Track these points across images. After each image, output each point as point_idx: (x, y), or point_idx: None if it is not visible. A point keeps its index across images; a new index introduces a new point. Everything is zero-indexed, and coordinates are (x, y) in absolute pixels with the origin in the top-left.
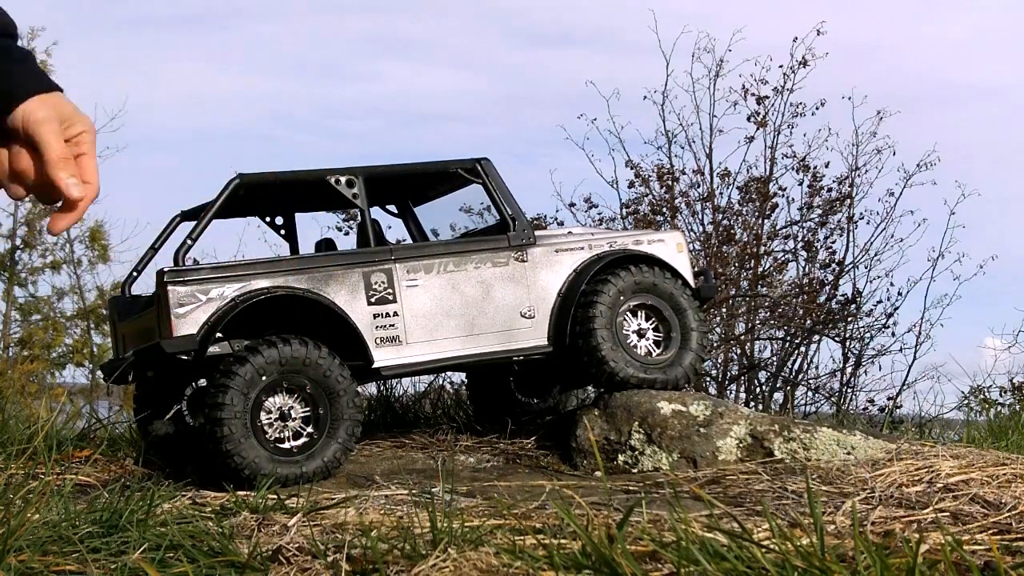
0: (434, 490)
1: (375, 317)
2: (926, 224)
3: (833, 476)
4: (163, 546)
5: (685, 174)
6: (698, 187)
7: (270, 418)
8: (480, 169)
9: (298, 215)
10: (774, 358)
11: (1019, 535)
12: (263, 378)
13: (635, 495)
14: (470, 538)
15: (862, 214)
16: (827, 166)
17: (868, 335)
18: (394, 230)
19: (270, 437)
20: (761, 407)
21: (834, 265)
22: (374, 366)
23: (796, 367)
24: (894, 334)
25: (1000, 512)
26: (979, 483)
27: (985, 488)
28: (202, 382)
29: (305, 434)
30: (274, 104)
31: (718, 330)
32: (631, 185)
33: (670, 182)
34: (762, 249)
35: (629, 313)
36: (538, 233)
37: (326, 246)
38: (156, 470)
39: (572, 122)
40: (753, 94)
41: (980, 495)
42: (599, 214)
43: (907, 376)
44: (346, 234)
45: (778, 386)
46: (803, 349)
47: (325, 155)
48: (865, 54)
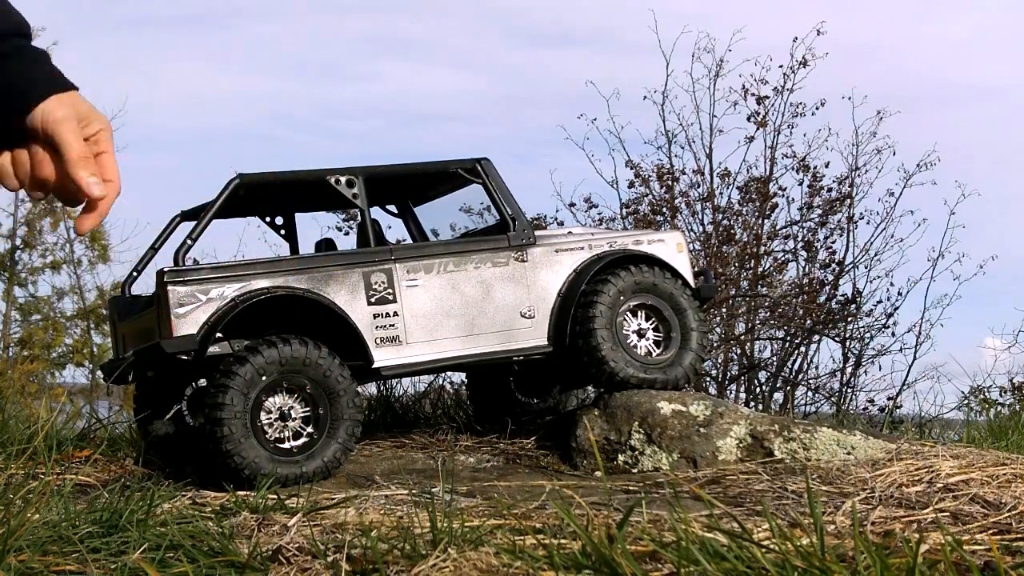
0: (434, 490)
1: (375, 317)
2: (926, 224)
3: (833, 476)
4: (163, 546)
5: (685, 174)
6: (698, 187)
7: (270, 418)
8: (480, 169)
9: (298, 215)
10: (774, 358)
11: (1019, 535)
12: (263, 378)
13: (635, 495)
14: (470, 538)
15: (862, 214)
16: (827, 166)
17: (868, 335)
18: (394, 230)
19: (270, 437)
20: (761, 407)
21: (834, 265)
22: (374, 366)
23: (796, 367)
24: (894, 334)
25: (1000, 512)
26: (979, 483)
27: (985, 488)
28: (202, 382)
29: (305, 434)
30: (274, 104)
31: (718, 330)
32: (631, 185)
33: (670, 182)
34: (762, 249)
35: (629, 313)
36: (538, 233)
37: (326, 246)
38: (156, 470)
39: (572, 122)
40: (753, 94)
41: (980, 495)
42: (599, 214)
43: (907, 376)
44: (346, 234)
45: (778, 386)
46: (803, 349)
47: (325, 155)
48: (865, 54)
